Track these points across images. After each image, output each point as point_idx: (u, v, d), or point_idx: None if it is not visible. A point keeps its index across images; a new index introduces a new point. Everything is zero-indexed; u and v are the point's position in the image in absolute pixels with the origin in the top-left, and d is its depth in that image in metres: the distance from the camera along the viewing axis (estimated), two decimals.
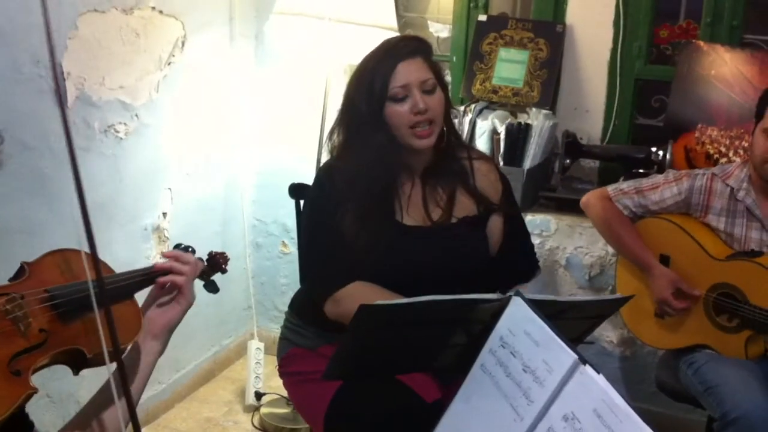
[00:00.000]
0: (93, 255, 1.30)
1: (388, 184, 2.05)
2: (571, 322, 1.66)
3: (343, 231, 1.99)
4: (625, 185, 2.68)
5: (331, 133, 2.12)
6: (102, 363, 1.45)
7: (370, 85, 1.97)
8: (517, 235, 2.22)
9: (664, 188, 2.61)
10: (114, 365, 1.34)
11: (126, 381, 1.32)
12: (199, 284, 1.73)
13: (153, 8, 2.88)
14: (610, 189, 2.68)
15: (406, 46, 2.01)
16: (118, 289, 1.54)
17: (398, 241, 2.03)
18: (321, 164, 2.22)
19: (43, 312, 1.41)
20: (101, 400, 1.50)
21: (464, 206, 2.13)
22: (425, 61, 2.01)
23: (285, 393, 2.33)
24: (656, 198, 2.61)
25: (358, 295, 1.95)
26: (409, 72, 1.96)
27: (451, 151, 2.13)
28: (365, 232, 1.98)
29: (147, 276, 1.63)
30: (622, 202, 2.65)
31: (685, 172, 2.64)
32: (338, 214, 2.00)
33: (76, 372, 1.47)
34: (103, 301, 1.33)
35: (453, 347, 1.57)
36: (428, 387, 1.97)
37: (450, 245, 2.07)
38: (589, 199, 2.72)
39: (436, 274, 2.02)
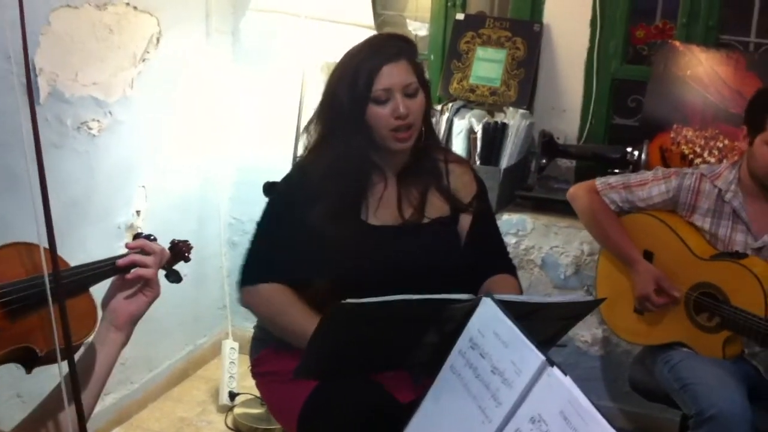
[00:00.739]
0: (52, 250, 1.26)
1: (361, 183, 2.04)
2: (543, 323, 1.66)
3: (306, 229, 1.98)
4: (613, 179, 2.67)
5: (308, 126, 2.11)
6: (54, 361, 1.41)
7: (353, 83, 1.96)
8: (490, 235, 2.21)
9: (652, 185, 2.61)
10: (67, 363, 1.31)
11: (77, 381, 1.29)
12: (160, 273, 1.68)
13: (127, 4, 2.85)
14: (598, 182, 2.68)
15: (392, 46, 2.00)
16: (72, 283, 1.49)
17: (363, 241, 2.02)
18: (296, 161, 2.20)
19: None
20: (57, 396, 1.46)
21: (437, 207, 2.12)
22: (409, 63, 2.00)
23: (259, 393, 2.31)
24: (644, 195, 2.61)
25: (271, 298, 2.01)
26: (392, 75, 1.95)
27: (427, 151, 2.13)
28: (332, 232, 1.97)
29: (106, 269, 1.58)
30: (609, 196, 2.65)
31: (674, 170, 2.64)
32: (301, 211, 1.99)
33: (28, 370, 1.43)
34: (59, 298, 1.29)
35: (426, 346, 1.57)
36: (403, 387, 1.96)
37: (420, 244, 2.06)
38: (576, 191, 2.72)
39: (405, 273, 2.00)
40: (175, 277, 1.77)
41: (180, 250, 1.81)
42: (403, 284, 1.93)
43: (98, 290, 1.60)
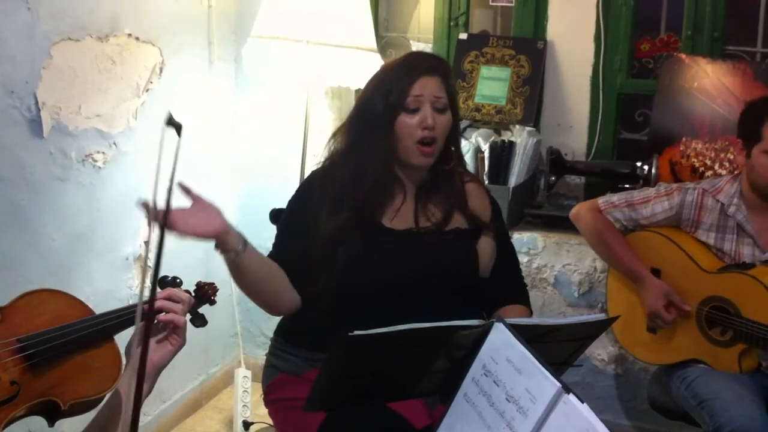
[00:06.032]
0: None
1: (380, 191, 2.05)
2: (557, 344, 1.63)
3: (319, 228, 2.01)
4: (615, 198, 2.66)
5: (336, 133, 2.14)
6: (77, 413, 1.39)
7: (388, 91, 2.02)
8: (510, 263, 2.23)
9: (655, 203, 2.59)
10: (92, 413, 1.27)
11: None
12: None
13: (129, 35, 2.85)
14: (601, 201, 2.66)
15: (429, 61, 2.09)
16: (97, 332, 1.47)
17: (378, 241, 2.03)
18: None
19: (14, 363, 1.35)
20: None
21: (456, 222, 2.13)
22: (443, 81, 2.06)
23: (272, 421, 2.28)
24: (647, 212, 2.59)
25: None
26: (425, 86, 2.01)
27: (451, 173, 2.15)
28: (346, 233, 1.99)
29: (132, 315, 1.53)
30: (612, 214, 2.63)
31: (676, 186, 2.62)
32: (316, 210, 2.03)
33: (50, 423, 1.41)
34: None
35: (435, 373, 1.54)
36: (418, 413, 1.93)
37: (436, 250, 2.06)
38: (579, 211, 2.70)
39: (419, 280, 2.02)
40: (201, 321, 1.74)
41: (206, 293, 1.78)
42: (416, 290, 2.00)
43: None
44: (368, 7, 3.10)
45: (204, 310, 1.81)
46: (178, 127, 1.35)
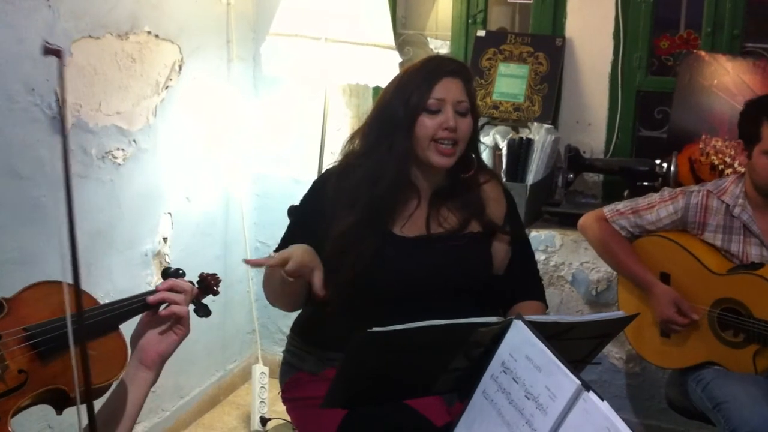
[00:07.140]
0: (76, 287, 1.24)
1: (394, 196, 2.04)
2: (576, 342, 1.62)
3: (330, 228, 2.01)
4: (621, 206, 2.67)
5: (353, 135, 2.13)
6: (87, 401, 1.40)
7: (410, 93, 2.01)
8: (525, 262, 2.22)
9: (659, 207, 2.58)
10: (94, 404, 1.28)
11: (95, 424, 1.26)
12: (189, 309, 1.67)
13: (149, 33, 2.86)
14: (606, 210, 2.67)
15: (451, 65, 2.07)
16: (102, 321, 1.49)
17: (387, 249, 2.02)
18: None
19: (21, 352, 1.37)
20: None
21: (470, 227, 2.12)
22: (465, 85, 2.05)
23: (290, 419, 2.29)
24: (652, 218, 2.59)
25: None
26: (449, 89, 2.00)
27: (472, 182, 2.13)
28: (354, 237, 1.98)
29: (136, 305, 1.57)
30: (618, 222, 2.63)
31: (680, 189, 2.62)
32: (329, 211, 2.03)
33: (59, 411, 1.42)
34: (81, 338, 1.26)
35: (453, 371, 1.54)
36: (437, 410, 1.93)
37: (446, 255, 2.05)
38: (586, 221, 2.71)
39: (429, 284, 2.01)
40: (204, 312, 1.76)
41: (209, 284, 1.80)
42: (427, 293, 1.99)
43: (128, 326, 1.59)
44: (386, 4, 3.11)
45: (219, 306, 1.81)
46: (57, 53, 1.23)
